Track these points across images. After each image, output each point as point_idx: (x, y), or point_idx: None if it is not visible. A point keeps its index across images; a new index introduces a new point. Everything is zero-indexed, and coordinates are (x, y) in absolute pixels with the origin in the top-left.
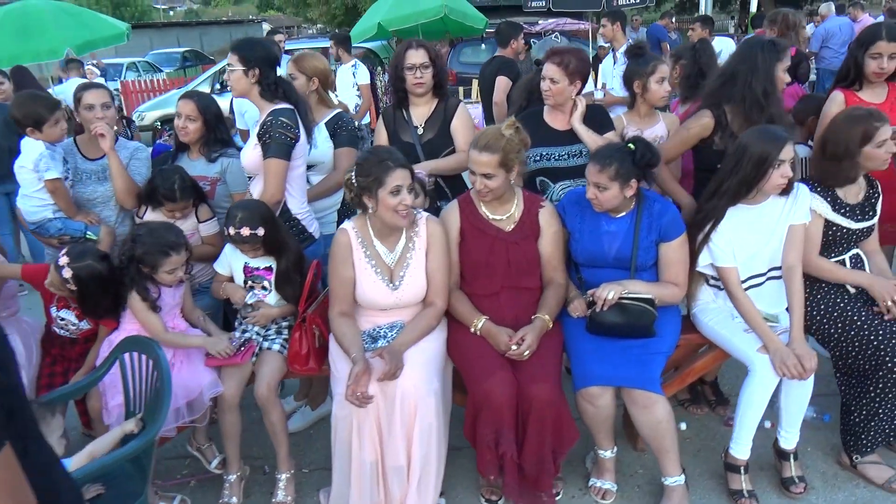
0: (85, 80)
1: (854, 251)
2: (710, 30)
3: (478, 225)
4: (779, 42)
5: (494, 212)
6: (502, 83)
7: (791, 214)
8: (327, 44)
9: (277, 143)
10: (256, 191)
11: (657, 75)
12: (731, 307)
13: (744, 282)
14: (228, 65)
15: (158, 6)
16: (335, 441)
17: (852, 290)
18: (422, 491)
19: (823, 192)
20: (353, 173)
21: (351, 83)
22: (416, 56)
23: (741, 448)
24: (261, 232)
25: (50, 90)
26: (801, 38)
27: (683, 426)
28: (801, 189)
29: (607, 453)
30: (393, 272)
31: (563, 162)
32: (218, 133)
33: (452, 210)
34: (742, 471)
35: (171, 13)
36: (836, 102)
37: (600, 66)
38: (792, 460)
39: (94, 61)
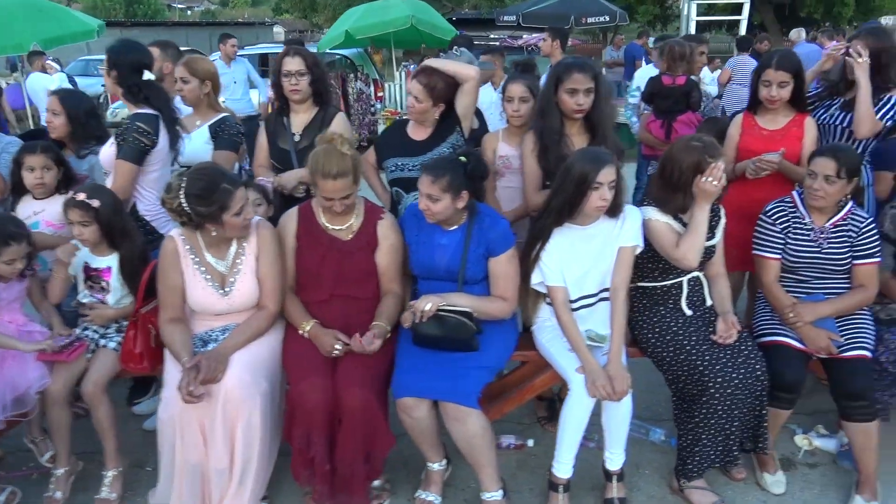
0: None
1: (693, 274)
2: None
3: (313, 233)
4: (570, 63)
5: (333, 222)
6: None
7: (620, 237)
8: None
9: (129, 147)
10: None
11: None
12: None
13: (575, 301)
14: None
15: (176, 5)
16: (161, 442)
17: (688, 313)
18: (241, 492)
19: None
20: (182, 201)
21: None
22: (293, 63)
23: (562, 467)
24: (95, 203)
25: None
26: (695, 68)
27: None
28: (631, 211)
29: (434, 466)
30: (224, 279)
31: (416, 173)
32: (88, 129)
33: (291, 216)
34: (560, 489)
35: (189, 13)
36: (736, 125)
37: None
38: (615, 481)
39: (50, 59)
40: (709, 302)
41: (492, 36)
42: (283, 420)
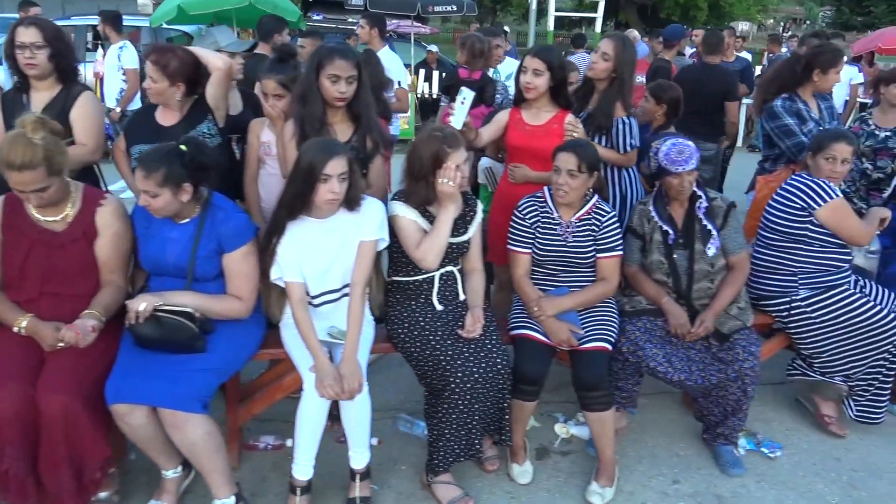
0: None
1: (447, 269)
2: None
3: (18, 226)
4: (332, 48)
5: (44, 212)
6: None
7: (360, 231)
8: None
9: None
10: None
11: None
12: None
13: (318, 297)
14: None
15: None
16: None
17: (439, 308)
18: None
19: (409, 208)
20: None
21: (116, 66)
22: (27, 35)
23: (300, 468)
24: None
25: None
26: (491, 62)
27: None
28: (372, 204)
29: (168, 473)
30: None
31: None
32: None
33: None
34: (298, 492)
35: None
36: (504, 117)
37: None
38: (358, 480)
39: None
40: (462, 297)
41: (349, 20)
42: None
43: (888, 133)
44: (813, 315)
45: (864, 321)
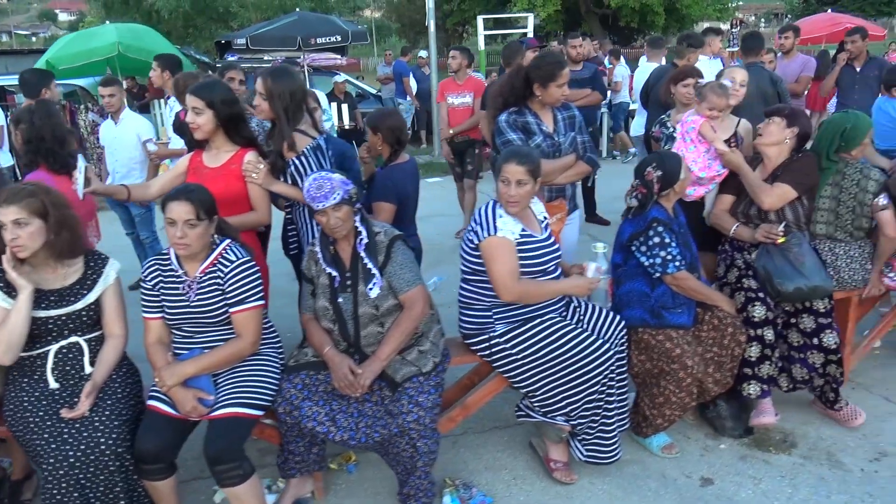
0: None
1: (71, 340)
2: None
3: None
4: None
5: None
6: None
7: None
8: None
9: None
10: None
11: None
12: None
13: None
14: None
15: (21, 31)
16: None
17: (54, 385)
18: None
19: None
20: None
21: None
22: None
23: None
24: None
25: None
26: None
27: None
28: None
29: None
30: None
31: None
32: None
33: None
34: None
35: (34, 38)
36: (184, 163)
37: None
38: None
39: None
40: (88, 369)
41: (266, 58)
42: None
43: None
44: (513, 351)
45: (572, 354)
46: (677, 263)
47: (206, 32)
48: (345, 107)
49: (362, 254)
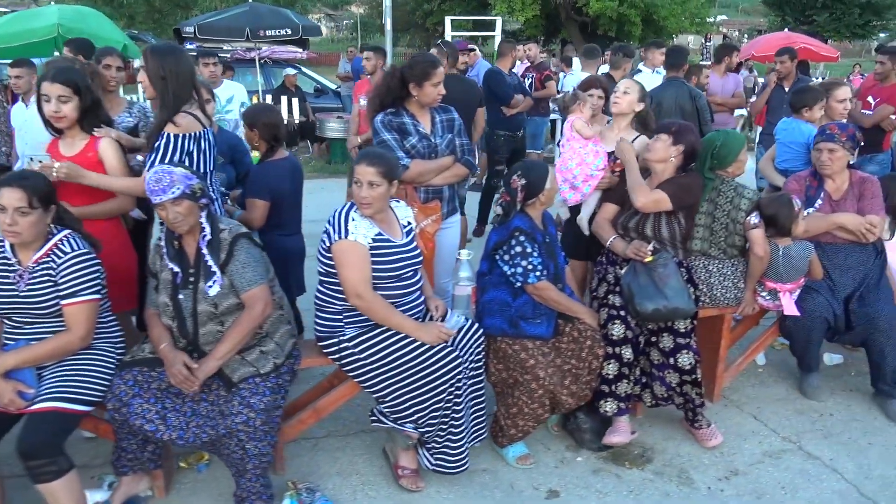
0: None
1: None
2: None
3: None
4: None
5: None
6: None
7: None
8: None
9: None
10: None
11: None
12: None
13: None
14: None
15: None
16: None
17: None
18: None
19: None
20: None
21: None
22: None
23: None
24: None
25: None
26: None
27: None
28: None
29: None
30: None
31: None
32: None
33: None
34: None
35: None
36: None
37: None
38: None
39: None
40: None
41: (225, 48)
42: None
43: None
44: (362, 356)
45: (420, 361)
46: (538, 273)
47: (171, 19)
48: (295, 100)
49: (204, 250)
